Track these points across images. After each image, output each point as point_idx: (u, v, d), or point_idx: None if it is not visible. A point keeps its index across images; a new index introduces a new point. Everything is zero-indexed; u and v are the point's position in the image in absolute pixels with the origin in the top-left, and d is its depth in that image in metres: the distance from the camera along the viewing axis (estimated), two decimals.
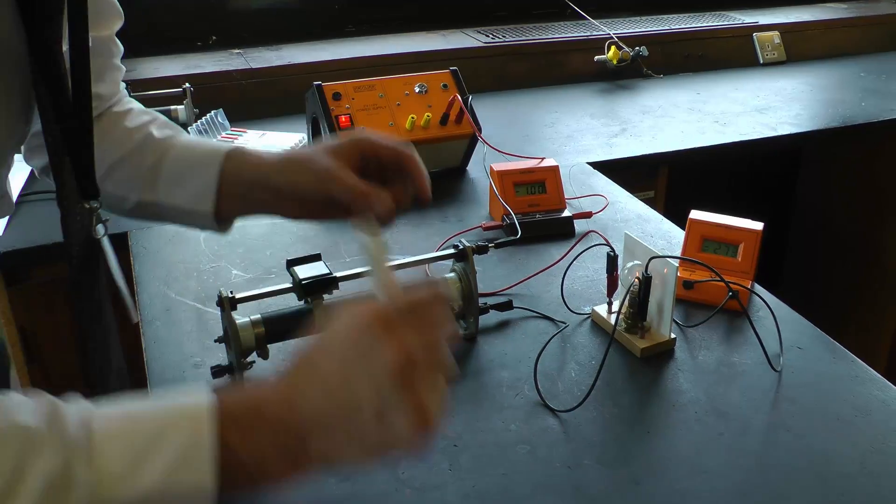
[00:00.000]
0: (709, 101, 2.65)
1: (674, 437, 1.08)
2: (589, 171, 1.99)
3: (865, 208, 2.91)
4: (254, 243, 1.60)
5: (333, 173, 1.01)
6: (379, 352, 0.70)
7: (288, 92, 2.38)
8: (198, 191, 1.12)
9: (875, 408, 1.13)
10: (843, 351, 1.26)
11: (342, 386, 0.72)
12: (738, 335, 1.30)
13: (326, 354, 0.75)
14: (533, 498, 0.98)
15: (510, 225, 1.58)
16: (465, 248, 1.25)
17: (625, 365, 1.23)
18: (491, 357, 1.25)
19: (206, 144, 1.19)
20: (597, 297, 1.39)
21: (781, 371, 1.21)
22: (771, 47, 3.10)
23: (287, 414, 0.73)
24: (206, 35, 2.70)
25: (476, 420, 1.11)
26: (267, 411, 0.73)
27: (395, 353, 0.70)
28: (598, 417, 1.11)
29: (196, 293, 1.42)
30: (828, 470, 1.02)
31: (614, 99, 2.68)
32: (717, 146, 2.26)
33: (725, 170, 2.90)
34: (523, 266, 1.49)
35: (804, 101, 2.67)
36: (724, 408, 1.13)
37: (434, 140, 1.85)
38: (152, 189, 1.16)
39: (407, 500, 0.98)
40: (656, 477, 1.01)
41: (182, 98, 2.14)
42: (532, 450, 1.06)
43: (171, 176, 1.15)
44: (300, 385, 0.74)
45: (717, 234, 1.42)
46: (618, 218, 1.71)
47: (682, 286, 1.36)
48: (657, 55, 2.90)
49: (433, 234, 1.63)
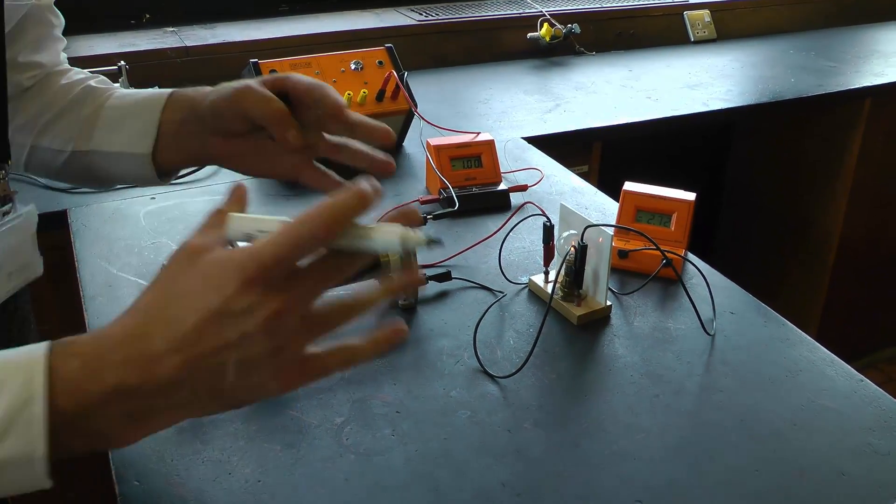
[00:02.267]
0: (641, 77, 2.68)
1: (611, 400, 1.10)
2: (524, 146, 2.00)
3: (794, 180, 2.97)
4: (193, 220, 1.58)
5: (248, 87, 0.99)
6: (246, 302, 0.65)
7: (224, 70, 2.34)
8: (136, 132, 1.09)
9: (805, 368, 1.17)
10: (774, 315, 1.29)
11: (197, 337, 0.65)
12: (673, 302, 1.32)
13: (182, 297, 0.68)
14: (475, 461, 0.99)
15: (447, 198, 1.59)
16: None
17: (562, 332, 1.25)
18: (431, 326, 1.26)
19: (149, 91, 1.13)
20: (534, 267, 1.41)
21: (714, 335, 1.24)
22: (701, 25, 3.14)
23: (134, 376, 0.66)
24: (140, 13, 2.67)
25: (417, 387, 1.12)
26: (108, 374, 0.66)
27: (264, 306, 0.65)
28: (536, 383, 1.13)
29: (137, 269, 1.41)
30: (759, 427, 1.05)
31: (547, 76, 2.70)
32: (649, 121, 2.29)
33: (658, 145, 2.93)
34: (461, 238, 1.51)
35: (735, 77, 2.71)
36: (659, 371, 1.16)
37: (370, 116, 1.84)
38: (88, 138, 1.12)
39: (351, 466, 0.99)
40: (594, 438, 1.03)
41: (118, 76, 2.11)
42: (473, 415, 1.07)
43: (109, 122, 1.12)
44: (150, 335, 0.67)
45: (651, 205, 1.44)
46: (553, 191, 1.73)
47: (617, 255, 1.38)
48: (589, 33, 2.93)
49: (371, 208, 1.63)
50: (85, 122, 1.13)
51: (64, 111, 1.15)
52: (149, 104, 1.09)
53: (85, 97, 1.15)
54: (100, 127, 1.12)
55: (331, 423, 1.05)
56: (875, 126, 2.70)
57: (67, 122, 1.14)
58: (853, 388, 1.13)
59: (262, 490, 0.95)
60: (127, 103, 1.12)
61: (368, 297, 0.71)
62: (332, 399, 1.10)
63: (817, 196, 2.88)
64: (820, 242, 2.89)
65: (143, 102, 1.10)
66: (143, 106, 1.10)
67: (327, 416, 1.06)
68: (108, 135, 1.12)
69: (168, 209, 1.63)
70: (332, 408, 1.08)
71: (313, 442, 1.02)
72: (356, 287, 0.72)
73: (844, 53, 3.03)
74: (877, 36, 3.32)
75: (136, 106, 1.10)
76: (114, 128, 1.11)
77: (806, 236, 2.94)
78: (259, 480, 0.96)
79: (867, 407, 1.09)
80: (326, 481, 0.97)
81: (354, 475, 0.98)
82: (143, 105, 1.10)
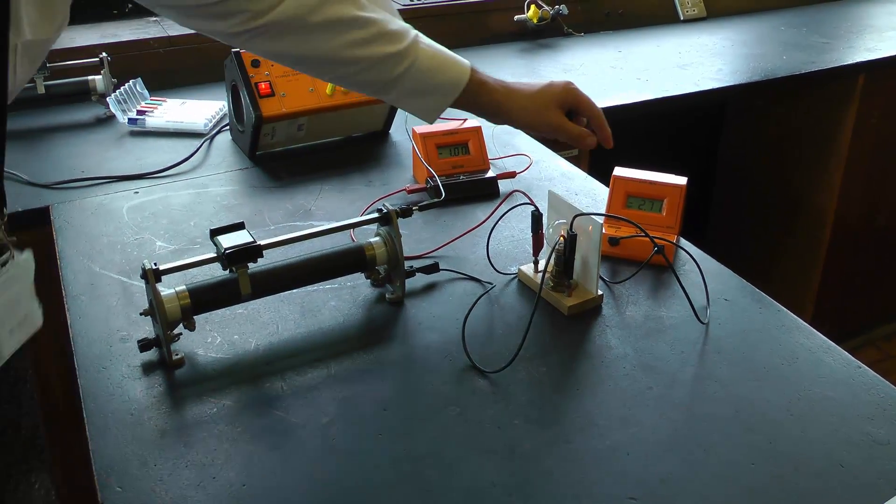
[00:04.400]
0: (630, 58, 2.65)
1: (603, 393, 1.08)
2: (512, 131, 1.96)
3: (788, 161, 2.95)
4: (177, 214, 1.56)
5: (562, 127, 1.36)
6: None
7: (206, 60, 2.32)
8: (428, 107, 1.31)
9: (801, 355, 1.15)
10: (769, 301, 1.27)
11: None
12: (665, 289, 1.30)
13: None
14: (465, 459, 0.97)
15: (434, 187, 1.57)
16: (388, 211, 1.24)
17: (553, 323, 1.22)
18: (419, 320, 1.24)
19: (448, 71, 1.29)
20: (523, 256, 1.39)
21: (708, 323, 1.22)
22: (691, 4, 3.11)
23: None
24: (122, 3, 2.63)
25: (405, 384, 1.11)
26: None
27: None
28: (527, 377, 1.11)
29: (120, 266, 1.38)
30: (755, 418, 1.03)
31: (535, 58, 2.67)
32: (639, 103, 2.27)
33: (649, 126, 2.90)
34: (448, 228, 1.48)
35: (726, 56, 2.68)
36: (652, 362, 1.14)
37: (355, 104, 1.82)
38: (384, 90, 1.28)
39: (338, 466, 0.97)
40: (586, 433, 1.01)
41: (99, 68, 2.08)
42: (462, 412, 1.05)
43: (410, 89, 1.27)
44: None
45: (641, 191, 1.42)
46: (542, 177, 1.70)
47: (607, 243, 1.36)
48: (577, 14, 2.90)
49: (357, 198, 1.61)
50: (388, 82, 1.26)
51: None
52: (447, 86, 1.29)
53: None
54: (399, 89, 1.27)
55: (317, 422, 1.03)
56: (869, 102, 2.67)
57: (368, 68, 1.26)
58: (851, 374, 1.11)
59: (247, 494, 0.93)
60: (427, 79, 1.27)
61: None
62: (318, 398, 1.07)
63: (812, 173, 2.86)
64: (815, 220, 2.87)
65: (441, 85, 1.29)
66: (441, 89, 1.29)
67: (313, 416, 1.04)
68: (404, 97, 1.29)
69: (151, 203, 1.61)
70: (319, 407, 1.06)
71: (299, 443, 1.00)
72: None
73: (837, 29, 3.00)
74: (870, 11, 3.29)
75: (434, 86, 1.28)
76: (413, 94, 1.28)
77: (801, 214, 2.92)
78: (244, 484, 0.94)
79: (865, 394, 1.07)
80: (313, 483, 0.95)
81: (342, 476, 0.96)
82: (441, 88, 1.29)
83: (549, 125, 1.35)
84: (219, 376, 1.12)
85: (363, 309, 1.27)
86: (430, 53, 1.26)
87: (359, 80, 1.26)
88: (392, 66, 1.23)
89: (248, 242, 1.14)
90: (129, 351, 1.16)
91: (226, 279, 1.16)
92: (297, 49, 1.19)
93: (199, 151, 1.86)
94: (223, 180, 1.72)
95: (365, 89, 1.30)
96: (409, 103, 1.31)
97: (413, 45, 1.24)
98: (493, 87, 1.33)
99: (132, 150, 1.89)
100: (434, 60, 1.27)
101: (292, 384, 1.10)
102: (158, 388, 1.10)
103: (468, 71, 1.30)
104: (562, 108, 1.36)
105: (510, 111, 1.34)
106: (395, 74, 1.24)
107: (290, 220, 1.53)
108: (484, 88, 1.32)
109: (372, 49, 1.20)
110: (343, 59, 1.21)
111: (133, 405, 1.07)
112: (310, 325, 1.23)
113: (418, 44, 1.25)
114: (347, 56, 1.20)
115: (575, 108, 1.37)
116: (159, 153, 1.86)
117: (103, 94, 2.08)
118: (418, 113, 1.33)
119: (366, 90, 1.30)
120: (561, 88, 1.35)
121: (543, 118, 1.34)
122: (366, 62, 1.22)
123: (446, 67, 1.28)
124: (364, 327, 1.23)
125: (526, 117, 1.35)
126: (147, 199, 1.63)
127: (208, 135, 1.95)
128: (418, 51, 1.24)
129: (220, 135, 1.97)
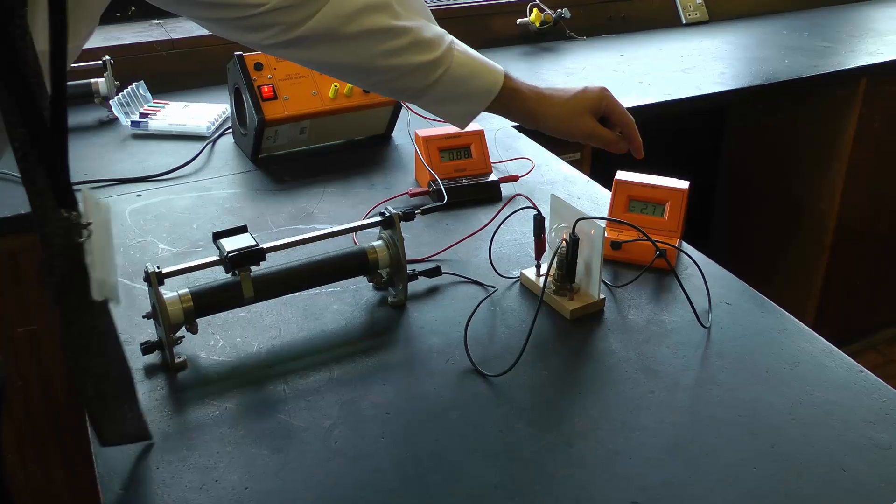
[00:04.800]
0: (632, 62, 2.65)
1: (605, 398, 1.08)
2: (514, 134, 1.98)
3: (790, 164, 2.95)
4: (180, 217, 1.57)
5: (595, 134, 1.36)
6: None
7: (209, 63, 2.33)
8: (459, 113, 1.32)
9: (803, 360, 1.15)
10: (771, 305, 1.27)
11: None
12: (667, 293, 1.30)
13: None
14: (467, 463, 0.97)
15: (436, 191, 1.57)
16: (391, 215, 1.24)
17: (555, 327, 1.22)
18: (421, 324, 1.24)
19: (482, 77, 1.30)
20: (525, 260, 1.39)
21: (710, 327, 1.22)
22: (693, 7, 3.11)
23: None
24: (125, 5, 2.63)
25: (407, 387, 1.10)
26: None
27: None
28: (529, 381, 1.11)
29: (123, 269, 1.38)
30: (757, 422, 1.03)
31: (538, 62, 2.67)
32: (642, 106, 2.26)
33: (651, 130, 2.90)
34: (451, 232, 1.48)
35: (728, 59, 2.68)
36: (654, 366, 1.14)
37: (358, 108, 1.82)
38: (417, 96, 1.28)
39: (340, 470, 0.97)
40: (588, 437, 1.01)
41: (102, 71, 2.08)
42: (464, 415, 1.05)
43: (442, 96, 1.28)
44: None
45: (644, 194, 1.42)
46: (544, 181, 1.70)
47: (609, 247, 1.36)
48: (580, 17, 2.90)
49: (360, 202, 1.61)
50: (422, 88, 1.27)
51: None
52: (479, 93, 1.29)
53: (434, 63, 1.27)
54: (431, 95, 1.28)
55: (319, 426, 1.03)
56: (871, 106, 2.67)
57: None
58: (853, 379, 1.11)
59: (250, 497, 0.93)
60: (459, 87, 1.28)
61: None
62: (321, 401, 1.07)
63: (813, 177, 2.86)
64: (817, 223, 2.86)
65: (473, 92, 1.29)
66: (474, 95, 1.29)
67: (315, 419, 1.04)
68: (439, 104, 1.30)
69: (154, 206, 1.61)
70: (321, 410, 1.06)
71: (301, 446, 1.00)
72: None
73: (839, 33, 3.00)
74: (872, 14, 3.29)
75: (469, 92, 1.29)
76: (444, 100, 1.29)
77: (803, 218, 2.92)
78: (246, 487, 0.94)
79: (867, 398, 1.07)
80: (315, 486, 0.95)
81: (344, 479, 0.96)
82: (474, 95, 1.29)
83: (582, 131, 1.36)
84: (221, 379, 1.12)
85: (365, 312, 1.27)
86: (463, 60, 1.27)
87: (392, 86, 1.28)
88: (426, 73, 1.24)
89: (251, 246, 1.15)
90: (132, 354, 1.16)
91: (228, 282, 1.16)
92: (330, 58, 1.20)
93: (201, 154, 1.86)
94: (226, 183, 1.72)
95: (397, 95, 1.34)
96: (441, 109, 1.32)
97: (447, 52, 1.25)
98: (526, 94, 1.33)
99: (135, 153, 1.89)
100: (467, 68, 1.27)
101: (295, 387, 1.10)
102: (161, 390, 1.10)
103: (501, 78, 1.30)
104: (595, 114, 1.36)
105: (543, 118, 1.35)
106: (428, 82, 1.25)
107: (293, 224, 1.53)
108: (517, 95, 1.32)
109: (406, 58, 1.22)
110: (377, 67, 1.22)
111: None
112: (312, 329, 1.23)
113: (452, 50, 1.26)
114: (381, 65, 1.22)
115: (608, 115, 1.37)
116: (162, 156, 1.86)
117: (106, 96, 2.08)
118: (449, 118, 1.34)
119: (398, 96, 1.33)
120: (595, 94, 1.36)
121: (576, 124, 1.35)
122: (400, 70, 1.23)
123: (480, 74, 1.29)
124: (366, 331, 1.23)
125: (558, 124, 1.35)
126: (150, 202, 1.63)
127: (211, 138, 1.96)
128: (452, 58, 1.26)
129: (223, 138, 1.97)
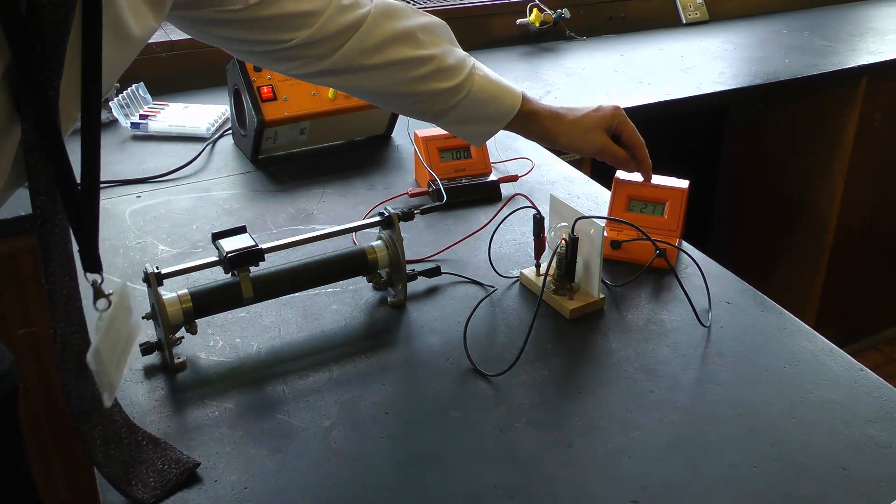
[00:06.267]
0: (632, 62, 2.65)
1: (605, 397, 1.08)
2: (514, 134, 1.97)
3: (790, 164, 2.95)
4: (179, 218, 1.56)
5: (606, 149, 1.39)
6: None
7: (209, 64, 2.32)
8: (477, 133, 1.39)
9: (803, 358, 1.14)
10: (772, 304, 1.27)
11: None
12: (667, 293, 1.30)
13: None
14: (466, 463, 0.97)
15: (436, 191, 1.57)
16: (390, 215, 1.24)
17: (554, 327, 1.22)
18: (421, 324, 1.24)
19: (501, 100, 1.35)
20: (525, 260, 1.39)
21: (710, 326, 1.22)
22: (693, 7, 3.11)
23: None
24: None
25: (407, 387, 1.10)
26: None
27: None
28: (528, 380, 1.11)
29: (123, 270, 1.38)
30: (757, 421, 1.03)
31: (538, 62, 2.67)
32: (642, 106, 2.26)
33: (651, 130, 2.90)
34: (450, 231, 1.48)
35: (728, 59, 2.68)
36: (653, 365, 1.13)
37: (357, 108, 1.82)
38: (437, 117, 1.34)
39: (339, 470, 0.97)
40: (588, 437, 1.01)
41: None
42: (464, 415, 1.05)
43: (461, 117, 1.34)
44: None
45: (643, 194, 1.42)
46: (544, 180, 1.70)
47: (609, 246, 1.36)
48: (579, 17, 2.90)
49: (359, 202, 1.61)
50: (444, 110, 1.32)
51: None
52: (497, 116, 1.35)
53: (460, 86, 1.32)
54: (451, 117, 1.33)
55: (318, 426, 1.03)
56: (871, 105, 2.67)
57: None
58: (853, 377, 1.11)
59: (249, 497, 0.93)
60: (477, 110, 1.34)
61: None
62: (320, 401, 1.07)
63: (814, 176, 2.85)
64: (818, 223, 2.86)
65: (492, 115, 1.35)
66: (492, 118, 1.36)
67: (315, 419, 1.04)
68: (457, 125, 1.36)
69: (154, 207, 1.61)
70: (320, 410, 1.06)
71: (301, 446, 1.00)
72: None
73: (839, 32, 3.00)
74: (872, 13, 3.29)
75: (485, 115, 1.35)
76: (464, 121, 1.35)
77: (803, 217, 2.92)
78: (245, 487, 0.94)
79: (867, 397, 1.07)
80: (314, 486, 0.95)
81: (343, 479, 0.96)
82: (492, 118, 1.35)
83: (593, 146, 1.39)
84: (220, 380, 1.12)
85: (365, 312, 1.27)
86: (483, 84, 1.32)
87: (413, 109, 1.35)
88: (447, 98, 1.30)
89: (250, 246, 1.14)
90: (131, 354, 1.16)
91: (228, 283, 1.16)
92: (355, 84, 1.27)
93: (201, 155, 1.86)
94: (225, 184, 1.72)
95: (417, 116, 1.38)
96: (459, 129, 1.38)
97: (468, 77, 1.31)
98: (542, 114, 1.38)
99: (135, 155, 1.89)
100: (487, 92, 1.33)
101: (294, 387, 1.10)
102: (160, 391, 1.10)
103: (519, 101, 1.35)
104: (607, 130, 1.40)
105: (557, 136, 1.40)
106: (449, 105, 1.31)
107: (292, 224, 1.53)
108: (533, 116, 1.38)
109: (428, 85, 1.27)
110: (400, 93, 1.28)
111: (135, 408, 1.07)
112: (311, 329, 1.23)
113: (473, 75, 1.31)
114: (405, 91, 1.27)
115: (619, 134, 1.41)
116: (162, 157, 1.86)
117: (107, 98, 2.08)
118: (466, 137, 1.41)
119: (418, 117, 1.38)
120: (608, 112, 1.40)
121: (587, 139, 1.39)
122: (422, 96, 1.28)
123: (498, 98, 1.34)
124: (366, 331, 1.23)
125: (571, 140, 1.40)
126: (149, 203, 1.63)
127: (211, 139, 1.95)
128: (473, 82, 1.31)
129: (223, 139, 1.97)
